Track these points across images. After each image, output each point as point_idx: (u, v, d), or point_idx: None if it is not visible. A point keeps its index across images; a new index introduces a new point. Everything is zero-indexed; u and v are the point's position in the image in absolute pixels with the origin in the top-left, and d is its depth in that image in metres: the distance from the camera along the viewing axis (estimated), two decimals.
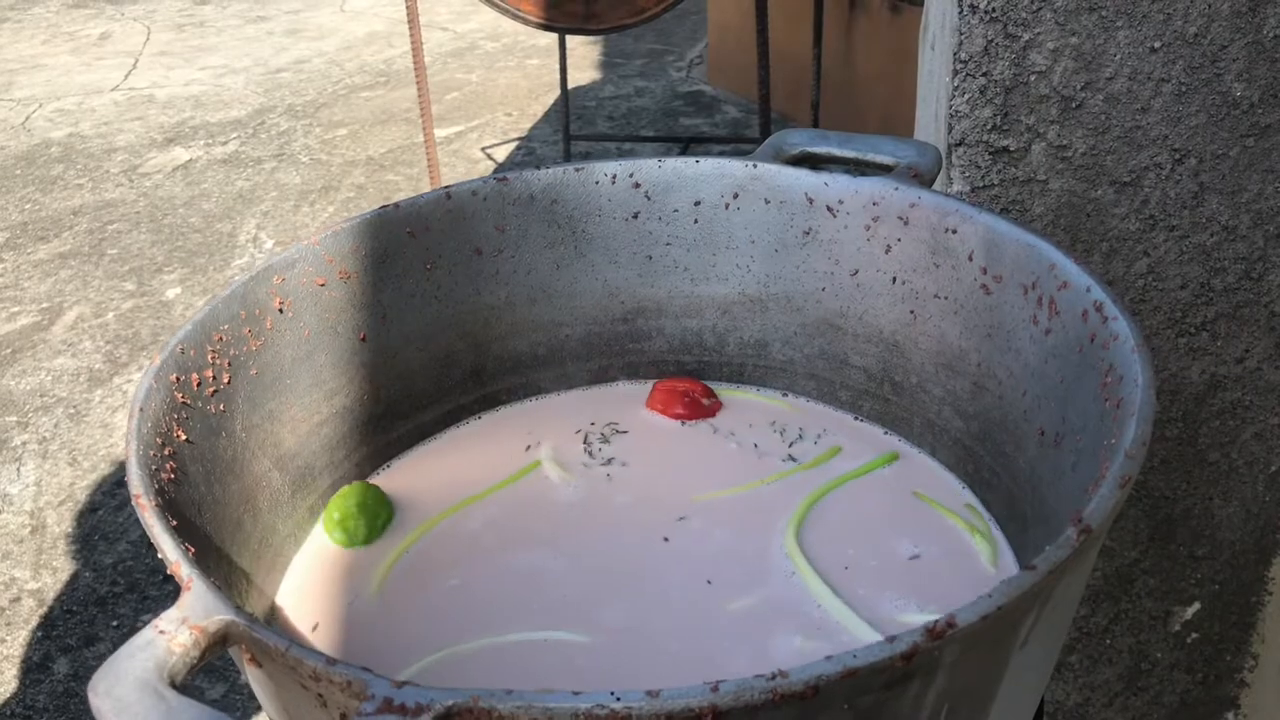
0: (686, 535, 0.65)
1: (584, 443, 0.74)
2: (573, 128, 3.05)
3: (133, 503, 0.47)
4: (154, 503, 0.47)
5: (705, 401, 0.76)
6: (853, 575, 0.61)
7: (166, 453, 0.53)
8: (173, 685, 0.40)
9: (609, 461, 0.72)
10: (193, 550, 0.46)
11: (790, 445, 0.72)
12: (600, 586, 0.62)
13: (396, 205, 0.70)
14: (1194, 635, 1.18)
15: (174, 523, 0.48)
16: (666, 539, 0.65)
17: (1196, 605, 1.17)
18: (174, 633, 0.41)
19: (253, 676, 0.45)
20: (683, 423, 0.75)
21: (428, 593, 0.63)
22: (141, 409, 0.52)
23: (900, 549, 0.63)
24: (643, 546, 0.65)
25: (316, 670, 0.39)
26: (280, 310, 0.64)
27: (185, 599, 0.42)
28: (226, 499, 0.58)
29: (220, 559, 0.55)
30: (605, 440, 0.74)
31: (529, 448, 0.74)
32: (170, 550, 0.45)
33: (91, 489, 2.08)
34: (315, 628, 0.60)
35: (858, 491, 0.68)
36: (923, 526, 0.65)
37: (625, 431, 0.75)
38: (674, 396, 0.76)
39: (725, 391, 0.78)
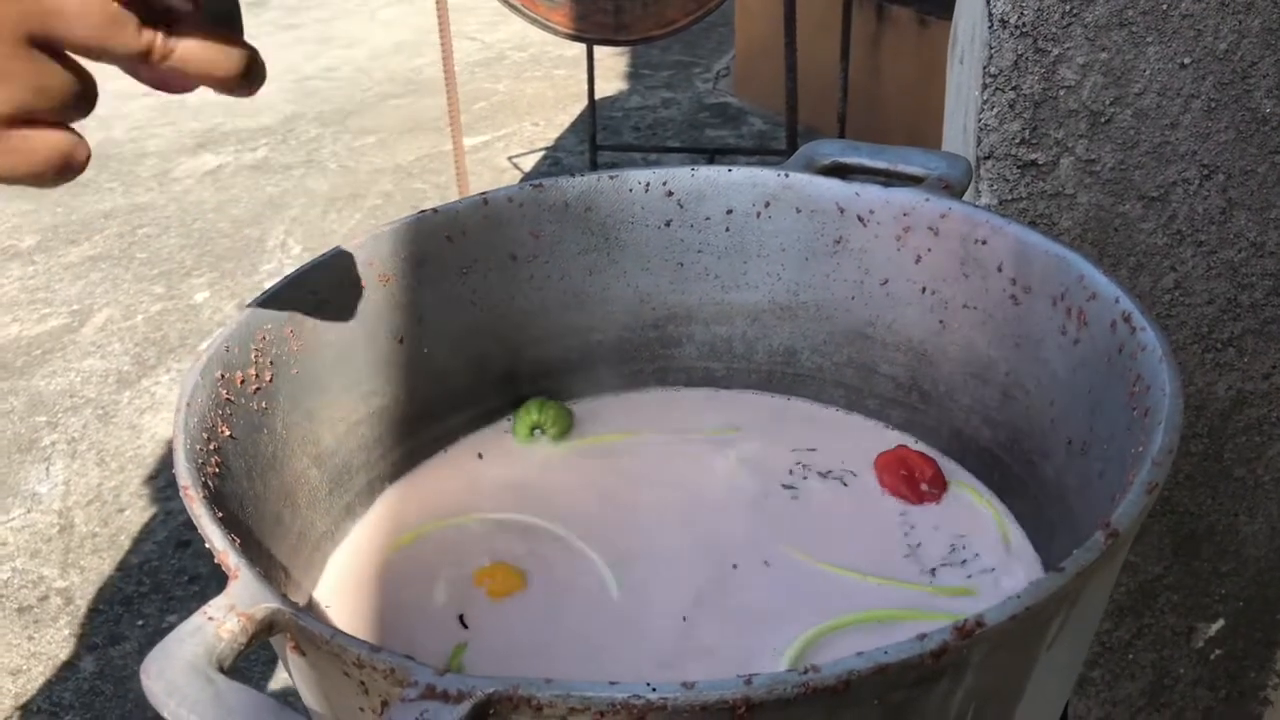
0: (755, 575, 0.64)
1: (803, 463, 0.72)
2: (599, 138, 3.06)
3: (181, 494, 0.48)
4: (201, 495, 0.49)
5: (924, 487, 0.70)
6: None
7: (211, 447, 0.54)
8: (221, 670, 0.41)
9: (790, 487, 0.71)
10: (238, 541, 0.48)
11: (945, 564, 0.65)
12: (644, 549, 0.66)
13: (435, 210, 0.71)
14: (1218, 652, 1.18)
15: (220, 515, 0.49)
16: (736, 566, 0.64)
17: (1220, 622, 1.17)
18: (222, 619, 0.42)
19: (294, 665, 0.46)
20: (884, 492, 0.70)
21: (545, 482, 0.72)
22: (188, 404, 0.54)
23: None
24: (713, 562, 0.65)
25: (360, 658, 0.40)
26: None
27: (233, 587, 0.44)
28: (267, 494, 0.59)
29: (261, 552, 0.56)
30: (823, 475, 0.72)
31: (799, 458, 0.73)
32: (218, 540, 0.46)
33: (119, 489, 2.10)
34: (351, 619, 0.61)
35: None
36: None
37: (846, 485, 0.71)
38: (896, 465, 0.71)
39: (962, 486, 0.70)
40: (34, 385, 2.42)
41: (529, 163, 3.44)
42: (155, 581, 1.87)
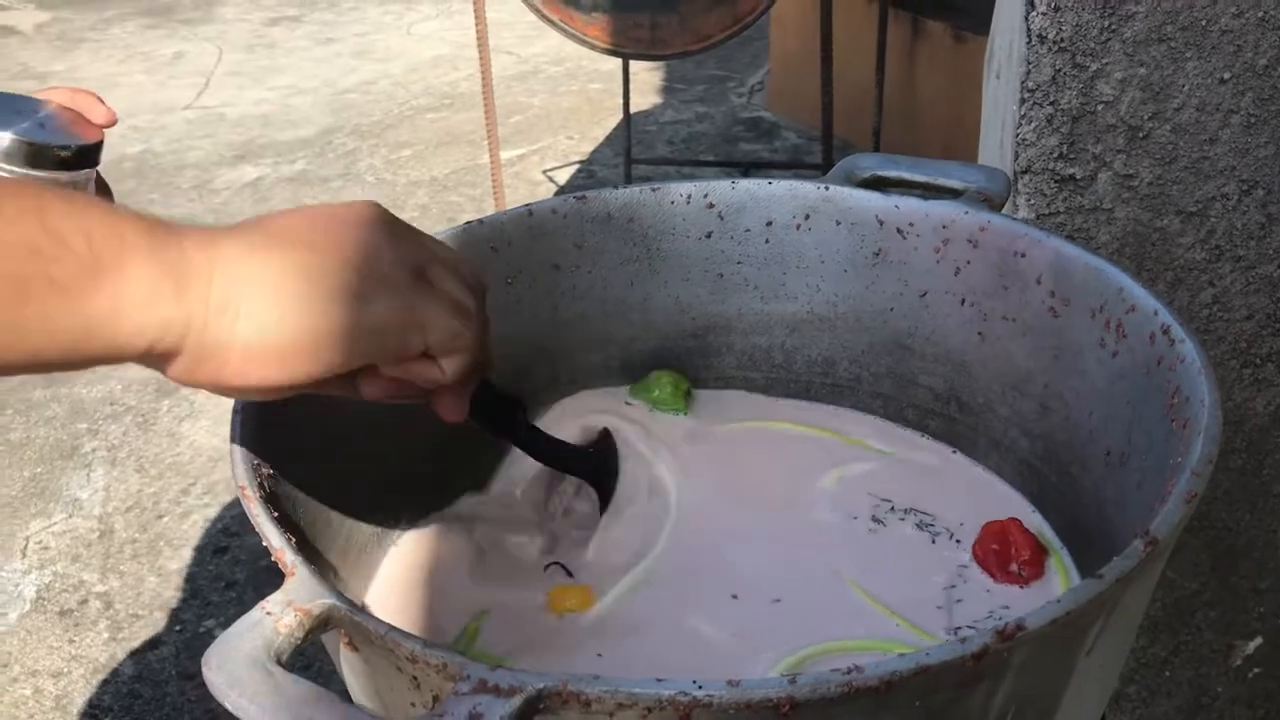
0: (773, 592, 0.64)
1: (911, 508, 0.70)
2: (634, 152, 3.07)
3: (239, 495, 0.50)
4: (258, 495, 0.50)
5: (1013, 567, 0.64)
6: None
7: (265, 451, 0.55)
8: (278, 663, 0.42)
9: (878, 521, 0.69)
10: (293, 540, 0.49)
11: (971, 626, 0.61)
12: (655, 533, 0.68)
13: (480, 221, 0.73)
14: (1256, 670, 1.17)
15: (275, 515, 0.50)
16: (734, 596, 0.64)
17: (1259, 640, 1.16)
18: (280, 614, 0.43)
19: (347, 660, 0.48)
20: (970, 559, 0.66)
21: (656, 454, 0.75)
22: (244, 409, 0.55)
23: None
24: (744, 570, 0.66)
25: (414, 653, 0.42)
26: None
27: (290, 584, 0.45)
28: (317, 497, 0.60)
29: (312, 553, 0.57)
30: (920, 525, 0.69)
31: (909, 502, 0.71)
32: (275, 538, 0.47)
33: (158, 496, 2.13)
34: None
35: None
36: None
37: (934, 543, 0.68)
38: (993, 538, 0.66)
39: (1057, 576, 0.65)
40: (75, 393, 2.46)
41: (564, 176, 3.46)
42: (193, 587, 1.90)
